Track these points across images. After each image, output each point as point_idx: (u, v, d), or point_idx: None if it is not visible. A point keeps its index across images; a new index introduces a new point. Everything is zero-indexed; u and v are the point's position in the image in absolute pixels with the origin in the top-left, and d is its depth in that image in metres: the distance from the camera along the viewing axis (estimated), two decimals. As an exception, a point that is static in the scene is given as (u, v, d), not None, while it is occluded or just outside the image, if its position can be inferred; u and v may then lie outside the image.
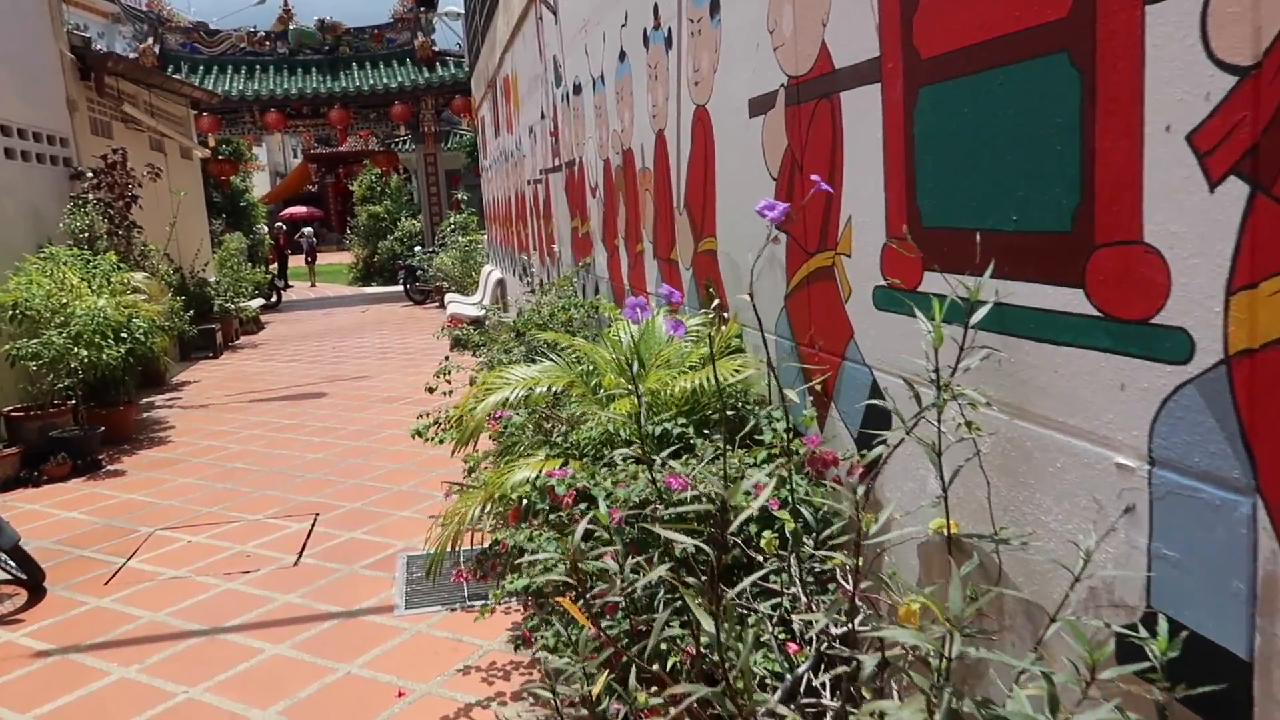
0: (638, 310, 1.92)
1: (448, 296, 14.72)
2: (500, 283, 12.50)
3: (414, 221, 24.24)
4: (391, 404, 8.94)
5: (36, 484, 6.73)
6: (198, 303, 13.32)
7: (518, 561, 2.82)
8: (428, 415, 5.88)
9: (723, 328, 3.29)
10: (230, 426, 8.36)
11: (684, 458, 2.65)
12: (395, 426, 7.97)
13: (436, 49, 20.87)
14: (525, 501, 2.64)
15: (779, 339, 2.83)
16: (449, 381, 5.87)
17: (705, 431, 2.88)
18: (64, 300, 7.58)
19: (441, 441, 4.27)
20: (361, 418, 8.42)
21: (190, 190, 15.11)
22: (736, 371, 2.90)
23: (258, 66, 20.36)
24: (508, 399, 3.04)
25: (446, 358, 5.86)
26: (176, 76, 16.29)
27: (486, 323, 12.69)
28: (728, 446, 2.69)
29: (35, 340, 6.99)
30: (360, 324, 16.15)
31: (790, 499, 2.29)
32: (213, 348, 12.82)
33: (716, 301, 3.34)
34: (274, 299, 19.81)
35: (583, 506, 2.59)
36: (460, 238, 16.23)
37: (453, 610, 4.32)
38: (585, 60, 5.31)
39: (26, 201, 8.77)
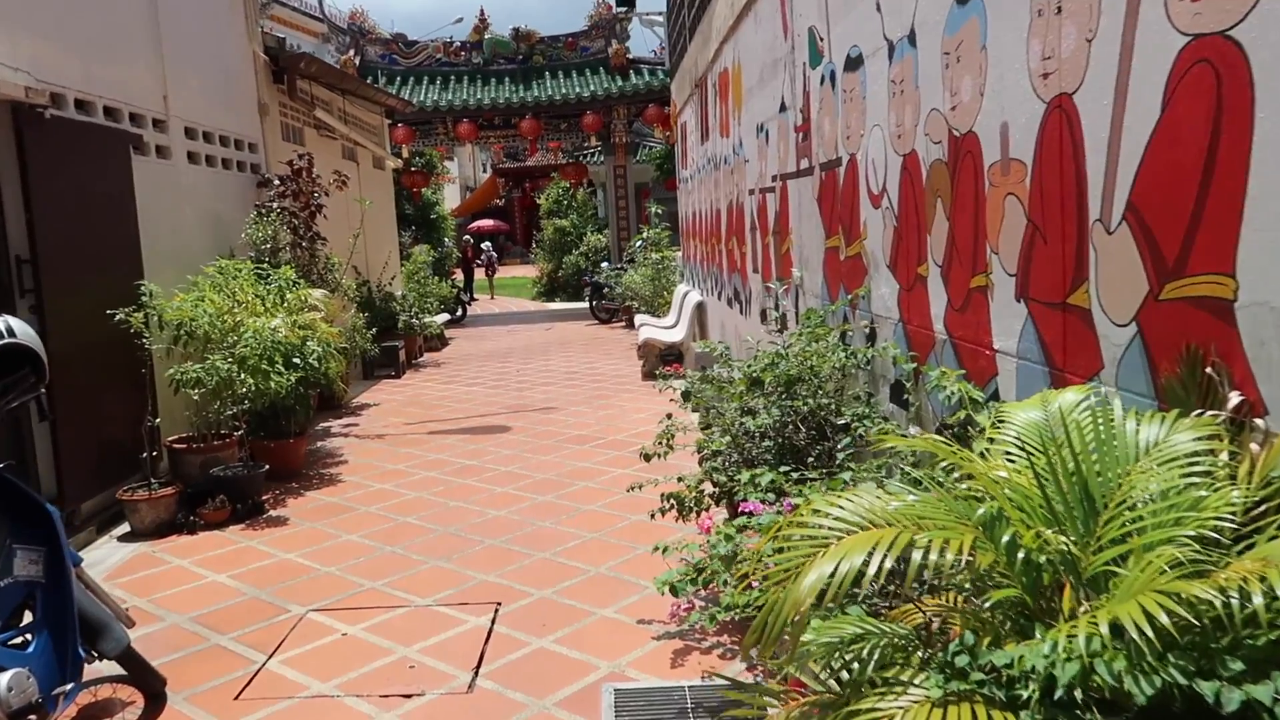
0: None
1: (638, 318, 13.59)
2: (699, 306, 11.20)
3: (600, 236, 23.45)
4: (582, 445, 7.77)
5: (192, 530, 5.91)
6: (383, 318, 12.77)
7: None
8: (662, 490, 4.60)
9: (1253, 447, 1.75)
10: (406, 465, 7.41)
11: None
12: (587, 477, 6.76)
13: (630, 56, 19.98)
14: None
15: None
16: (670, 447, 4.56)
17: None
18: (239, 318, 6.83)
19: (715, 595, 2.90)
20: (549, 462, 7.27)
21: (381, 201, 14.70)
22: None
23: (452, 77, 20.10)
24: (862, 572, 1.63)
25: (669, 416, 4.54)
26: (371, 83, 15.98)
27: (683, 351, 11.45)
28: None
29: (198, 365, 6.21)
30: (545, 343, 15.30)
31: None
32: (395, 366, 12.17)
33: (1239, 399, 1.80)
34: (459, 313, 19.40)
35: None
36: (652, 254, 15.08)
37: (687, 808, 2.95)
38: (875, 20, 3.87)
39: (209, 210, 8.19)
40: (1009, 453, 1.98)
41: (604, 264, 19.46)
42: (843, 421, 3.99)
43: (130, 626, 3.75)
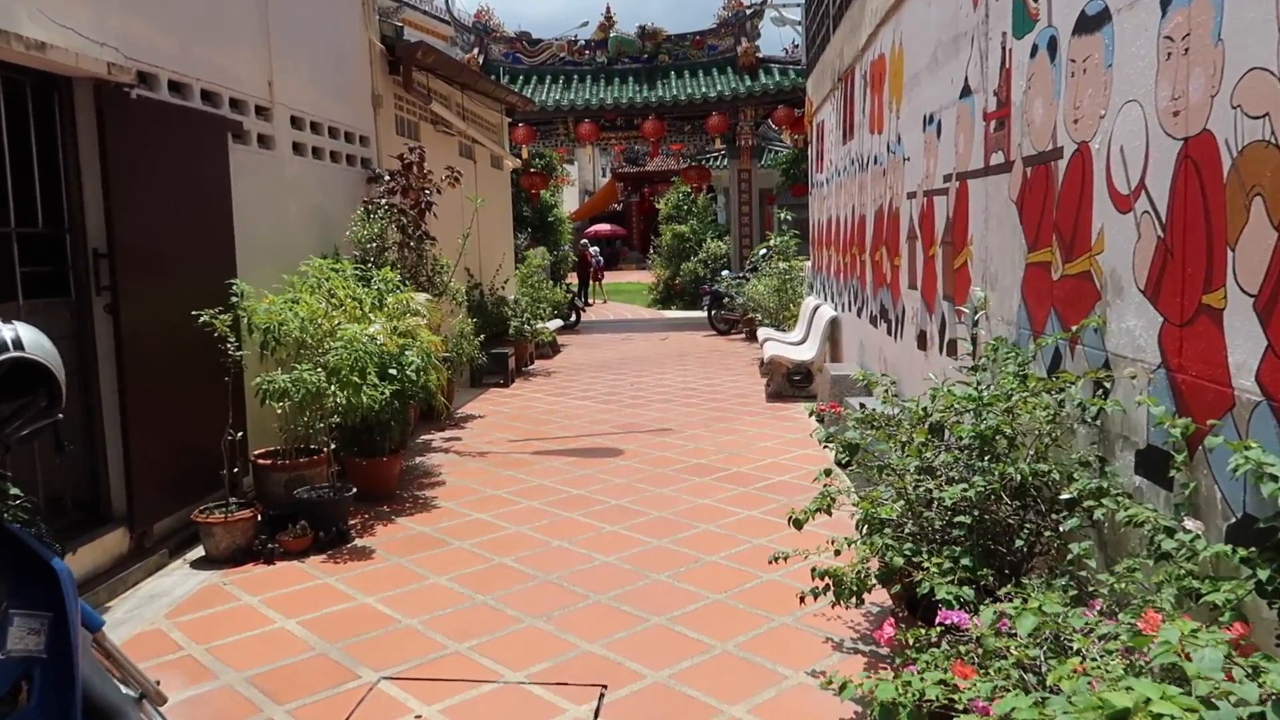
0: None
1: (761, 331, 12.62)
2: (833, 323, 10.17)
3: (720, 243, 22.55)
4: (702, 478, 6.89)
5: (270, 559, 5.30)
6: (493, 323, 12.22)
7: None
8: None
9: None
10: (507, 490, 6.68)
11: None
12: (709, 518, 5.88)
13: (760, 55, 19.02)
14: None
15: None
16: (829, 512, 3.63)
17: None
18: (336, 322, 6.26)
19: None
20: (664, 496, 6.42)
21: (497, 201, 14.19)
22: None
23: (575, 76, 19.56)
24: None
25: (828, 472, 3.61)
26: (492, 79, 15.48)
27: (813, 371, 10.45)
28: None
29: (285, 375, 5.61)
30: (660, 354, 14.49)
31: None
32: (504, 374, 11.56)
33: None
34: (573, 319, 18.81)
35: None
36: (778, 263, 14.08)
37: None
38: (1136, -41, 2.87)
39: (313, 205, 7.68)
40: None
41: (724, 272, 18.55)
42: (1067, 496, 3.00)
43: (161, 704, 3.07)
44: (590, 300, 25.13)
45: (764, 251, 15.41)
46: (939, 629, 2.61)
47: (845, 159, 9.50)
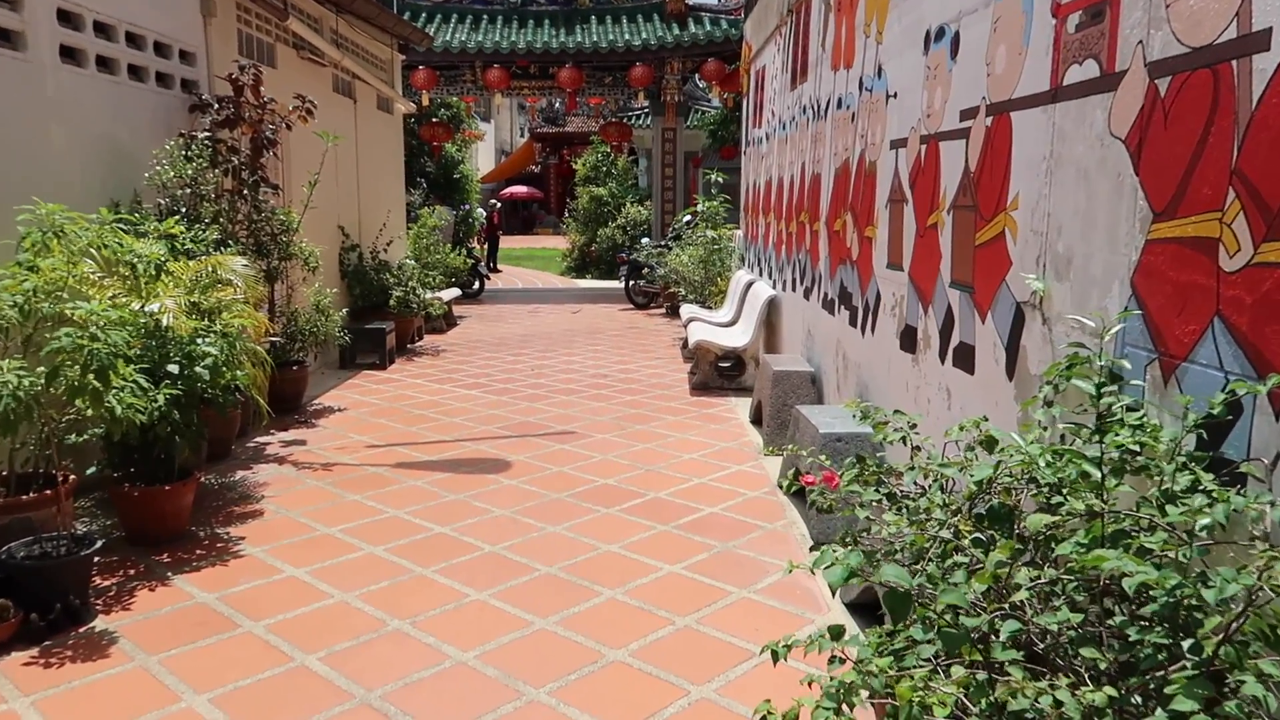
0: None
1: (685, 309, 11.00)
2: (771, 304, 8.61)
3: (641, 209, 20.89)
4: (609, 508, 5.25)
5: (-56, 657, 3.48)
6: (374, 293, 10.36)
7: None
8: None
9: None
10: (345, 527, 4.93)
11: None
12: (614, 579, 4.24)
13: (690, 2, 17.28)
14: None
15: None
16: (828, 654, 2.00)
17: None
18: (111, 294, 4.43)
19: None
20: (557, 539, 4.76)
21: (385, 150, 12.20)
22: None
23: (485, 16, 17.51)
24: None
25: (836, 634, 1.96)
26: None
27: (745, 359, 8.91)
28: None
29: (-16, 374, 3.74)
30: (570, 330, 12.78)
31: None
32: (381, 354, 9.70)
33: None
34: (476, 287, 16.89)
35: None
36: (707, 231, 12.45)
37: None
38: None
39: (98, 134, 5.71)
40: None
41: (644, 240, 16.89)
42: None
43: None
44: (498, 267, 23.22)
45: (688, 218, 13.79)
46: None
47: (794, 107, 7.89)
